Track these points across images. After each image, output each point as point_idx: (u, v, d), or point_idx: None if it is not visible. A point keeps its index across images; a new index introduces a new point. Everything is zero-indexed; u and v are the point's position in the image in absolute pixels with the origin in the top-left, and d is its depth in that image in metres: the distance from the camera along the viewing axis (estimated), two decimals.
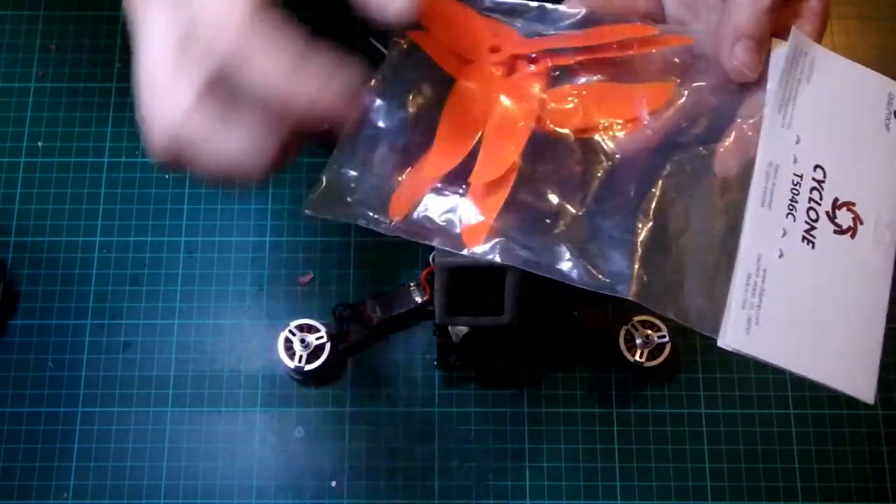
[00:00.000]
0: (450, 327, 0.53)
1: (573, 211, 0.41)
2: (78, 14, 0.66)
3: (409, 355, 0.59)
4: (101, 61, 0.65)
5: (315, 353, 0.56)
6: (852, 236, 0.40)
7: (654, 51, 0.44)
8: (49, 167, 0.62)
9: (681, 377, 0.58)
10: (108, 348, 0.59)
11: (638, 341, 0.56)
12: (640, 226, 0.41)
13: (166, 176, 0.62)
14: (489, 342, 0.56)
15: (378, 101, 0.44)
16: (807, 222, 0.40)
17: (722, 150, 0.42)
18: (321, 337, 0.56)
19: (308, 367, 0.56)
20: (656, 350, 0.56)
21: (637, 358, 0.56)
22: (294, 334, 0.56)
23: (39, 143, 0.63)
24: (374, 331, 0.58)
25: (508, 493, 0.56)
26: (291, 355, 0.56)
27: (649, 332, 0.56)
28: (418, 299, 0.57)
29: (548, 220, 0.41)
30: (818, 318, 0.39)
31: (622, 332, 0.57)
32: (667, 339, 0.56)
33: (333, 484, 0.56)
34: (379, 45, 0.69)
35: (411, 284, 0.57)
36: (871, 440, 0.57)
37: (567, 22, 0.45)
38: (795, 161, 0.41)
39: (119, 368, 0.58)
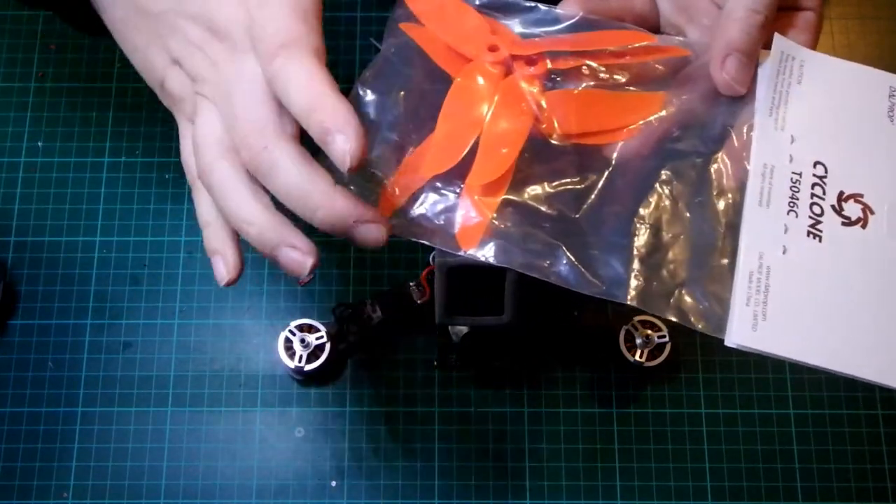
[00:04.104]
0: (450, 327, 0.53)
1: (570, 215, 0.41)
2: None
3: (409, 355, 0.59)
4: (101, 61, 0.65)
5: (315, 353, 0.56)
6: (863, 226, 0.40)
7: (650, 61, 0.44)
8: (49, 167, 0.62)
9: (681, 377, 0.58)
10: (108, 348, 0.59)
11: (638, 341, 0.56)
12: (636, 231, 0.41)
13: (166, 176, 0.62)
14: (489, 342, 0.56)
15: (371, 95, 0.43)
16: (811, 217, 0.40)
17: (716, 157, 0.42)
18: (321, 337, 0.56)
19: (308, 367, 0.56)
20: (656, 350, 0.56)
21: (637, 358, 0.56)
22: (294, 334, 0.56)
23: (39, 143, 0.63)
24: (374, 331, 0.58)
25: (508, 493, 0.56)
26: (291, 355, 0.56)
27: (649, 332, 0.56)
28: (418, 299, 0.57)
29: (545, 224, 0.41)
30: (836, 309, 0.39)
31: (622, 332, 0.57)
32: (667, 339, 0.56)
33: (333, 484, 0.56)
34: (378, 45, 0.69)
35: (411, 284, 0.57)
36: (871, 440, 0.57)
37: (563, 24, 0.45)
38: (791, 160, 0.41)
39: (119, 368, 0.58)
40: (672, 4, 0.47)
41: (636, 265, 0.40)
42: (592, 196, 0.42)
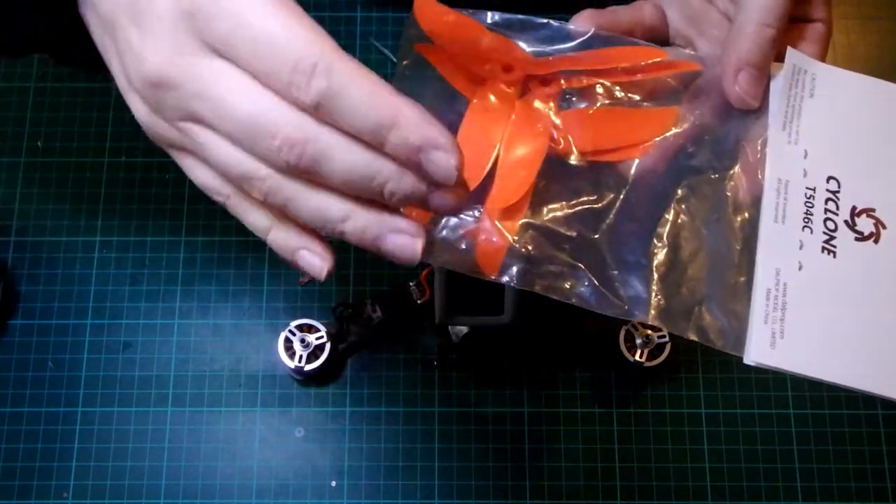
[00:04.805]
0: (450, 327, 0.53)
1: (589, 235, 0.41)
2: None
3: (409, 355, 0.59)
4: None
5: (315, 353, 0.56)
6: (876, 241, 0.40)
7: (663, 76, 0.44)
8: (49, 167, 0.62)
9: (681, 377, 0.58)
10: (108, 348, 0.59)
11: (638, 341, 0.56)
12: (654, 249, 0.41)
13: (166, 176, 0.62)
14: (489, 342, 0.56)
15: None
16: (825, 233, 0.40)
17: (731, 172, 0.42)
18: (321, 337, 0.56)
19: (308, 367, 0.56)
20: (656, 350, 0.56)
21: (637, 358, 0.56)
22: (294, 334, 0.56)
23: (39, 143, 0.63)
24: (374, 331, 0.58)
25: (508, 493, 0.56)
26: (291, 355, 0.56)
27: (649, 332, 0.56)
28: (418, 299, 0.57)
29: (565, 245, 0.41)
30: (853, 325, 0.38)
31: (622, 332, 0.57)
32: (667, 339, 0.56)
33: (333, 484, 0.56)
34: (379, 46, 0.69)
35: (411, 284, 0.57)
36: (871, 440, 0.57)
37: (576, 42, 0.45)
38: (805, 175, 0.41)
39: (119, 368, 0.58)
40: (681, 16, 0.47)
41: (656, 284, 0.40)
42: (611, 215, 0.42)
